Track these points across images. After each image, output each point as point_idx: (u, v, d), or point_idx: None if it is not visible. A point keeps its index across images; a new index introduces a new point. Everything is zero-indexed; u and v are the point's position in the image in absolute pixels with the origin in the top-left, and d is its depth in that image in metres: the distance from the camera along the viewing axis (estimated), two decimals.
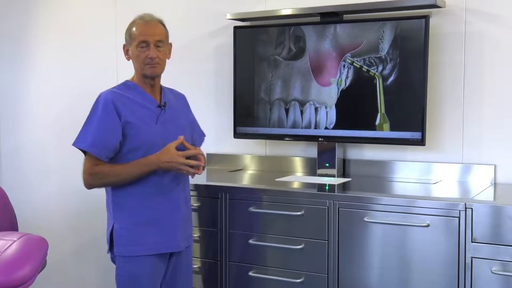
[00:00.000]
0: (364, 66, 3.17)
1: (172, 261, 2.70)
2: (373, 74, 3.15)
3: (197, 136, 2.88)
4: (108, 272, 4.11)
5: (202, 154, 2.64)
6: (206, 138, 2.95)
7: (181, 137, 2.58)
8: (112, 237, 2.62)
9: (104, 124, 2.55)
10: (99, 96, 2.63)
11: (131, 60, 2.67)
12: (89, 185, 2.58)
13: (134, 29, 2.63)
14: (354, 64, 3.19)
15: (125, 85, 2.68)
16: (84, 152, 2.59)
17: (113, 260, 2.68)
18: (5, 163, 4.49)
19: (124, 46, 2.68)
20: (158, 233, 2.61)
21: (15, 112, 4.42)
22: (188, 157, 2.57)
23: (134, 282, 2.60)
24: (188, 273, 2.80)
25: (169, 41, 2.72)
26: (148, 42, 2.59)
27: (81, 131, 2.60)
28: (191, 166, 2.57)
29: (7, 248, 2.95)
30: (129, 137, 2.57)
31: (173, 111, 2.70)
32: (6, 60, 4.43)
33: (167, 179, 2.63)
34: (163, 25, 2.68)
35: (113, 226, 2.62)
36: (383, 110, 3.16)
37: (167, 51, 2.68)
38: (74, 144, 2.58)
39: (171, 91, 2.81)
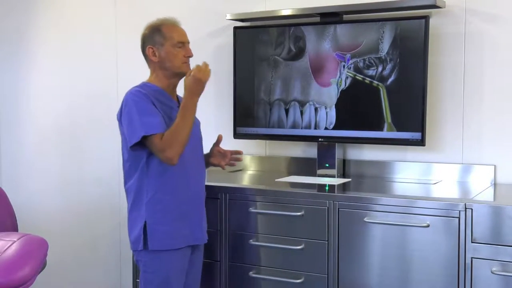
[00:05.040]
0: (367, 78, 3.17)
1: (191, 255, 2.81)
2: (376, 85, 3.15)
3: None
4: (108, 272, 4.11)
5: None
6: (205, 139, 2.95)
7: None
8: (145, 234, 2.67)
9: (155, 110, 2.64)
10: (130, 92, 2.69)
11: (157, 61, 2.75)
12: (172, 157, 2.59)
13: (166, 30, 2.75)
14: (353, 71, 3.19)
15: (147, 86, 2.76)
16: (143, 139, 2.60)
17: (139, 260, 2.73)
18: (5, 163, 4.49)
19: (149, 48, 2.75)
20: (186, 227, 2.74)
21: (15, 112, 4.42)
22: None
23: (165, 279, 2.69)
24: (199, 267, 2.90)
25: None
26: (184, 42, 2.77)
27: (137, 122, 2.61)
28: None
29: (7, 248, 2.95)
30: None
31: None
32: (6, 60, 4.43)
33: (194, 173, 2.79)
34: None
35: (145, 223, 2.67)
36: (388, 115, 3.16)
37: None
38: (146, 133, 2.58)
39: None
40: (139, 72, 2.95)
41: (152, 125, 2.60)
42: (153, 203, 2.68)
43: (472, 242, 2.56)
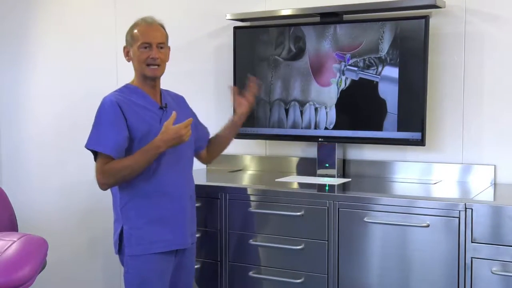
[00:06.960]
0: (367, 78, 3.17)
1: (177, 258, 2.75)
2: (376, 85, 3.15)
3: (202, 133, 2.91)
4: (108, 271, 4.11)
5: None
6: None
7: (174, 113, 2.59)
8: (121, 239, 2.67)
9: (117, 127, 2.59)
10: (104, 99, 2.65)
11: (130, 62, 2.71)
12: (104, 184, 2.61)
13: (136, 30, 2.67)
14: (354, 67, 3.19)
15: (127, 88, 2.72)
16: (95, 153, 2.62)
17: (122, 262, 2.71)
18: (5, 163, 4.49)
19: (124, 47, 2.72)
20: (166, 231, 2.67)
21: (15, 112, 4.42)
22: None
23: (145, 281, 2.66)
24: (191, 269, 2.86)
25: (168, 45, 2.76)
26: (150, 43, 2.64)
27: (93, 133, 2.63)
28: None
29: (7, 248, 2.95)
30: (135, 139, 2.62)
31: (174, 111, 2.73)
32: (6, 60, 4.43)
33: (173, 178, 2.69)
34: (164, 28, 2.73)
35: (122, 228, 2.67)
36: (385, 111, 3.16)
37: (167, 53, 2.73)
38: (91, 147, 2.61)
39: (168, 92, 2.85)
40: None
41: (102, 142, 2.58)
42: (127, 208, 2.67)
43: (472, 242, 2.56)
